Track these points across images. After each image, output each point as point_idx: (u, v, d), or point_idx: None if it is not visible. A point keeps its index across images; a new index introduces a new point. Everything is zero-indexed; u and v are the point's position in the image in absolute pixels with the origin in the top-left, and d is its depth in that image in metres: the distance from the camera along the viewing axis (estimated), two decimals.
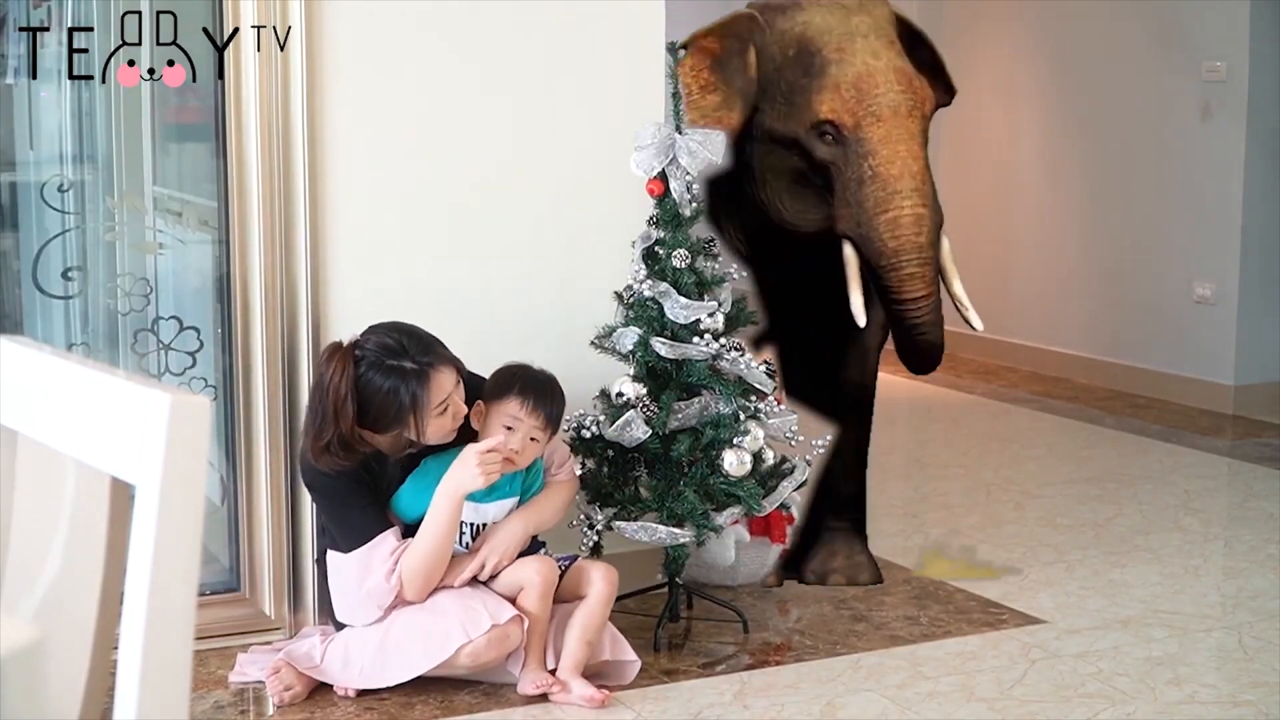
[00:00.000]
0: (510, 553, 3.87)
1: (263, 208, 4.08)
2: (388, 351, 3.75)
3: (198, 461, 1.56)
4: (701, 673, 4.06)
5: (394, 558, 3.78)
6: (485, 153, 4.36)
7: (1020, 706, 3.85)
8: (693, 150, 4.05)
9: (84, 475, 1.69)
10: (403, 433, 3.81)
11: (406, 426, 3.78)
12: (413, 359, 3.76)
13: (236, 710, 3.82)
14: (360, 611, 3.84)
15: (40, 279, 4.29)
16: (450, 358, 3.82)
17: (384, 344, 3.77)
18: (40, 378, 1.76)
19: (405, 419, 3.76)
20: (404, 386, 3.73)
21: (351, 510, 3.82)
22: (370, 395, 3.74)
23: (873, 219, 4.32)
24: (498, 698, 3.84)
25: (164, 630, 1.53)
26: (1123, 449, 6.59)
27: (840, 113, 4.33)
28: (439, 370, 3.77)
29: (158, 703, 1.53)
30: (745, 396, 4.10)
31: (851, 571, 4.75)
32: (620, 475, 4.12)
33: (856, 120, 4.32)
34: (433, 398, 3.75)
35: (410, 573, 3.77)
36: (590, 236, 4.46)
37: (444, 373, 3.78)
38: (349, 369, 3.73)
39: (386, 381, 3.73)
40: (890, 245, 4.32)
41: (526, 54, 4.38)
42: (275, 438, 4.15)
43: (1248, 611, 4.57)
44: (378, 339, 3.79)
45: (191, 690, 1.66)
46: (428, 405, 3.75)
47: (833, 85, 4.35)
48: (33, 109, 4.72)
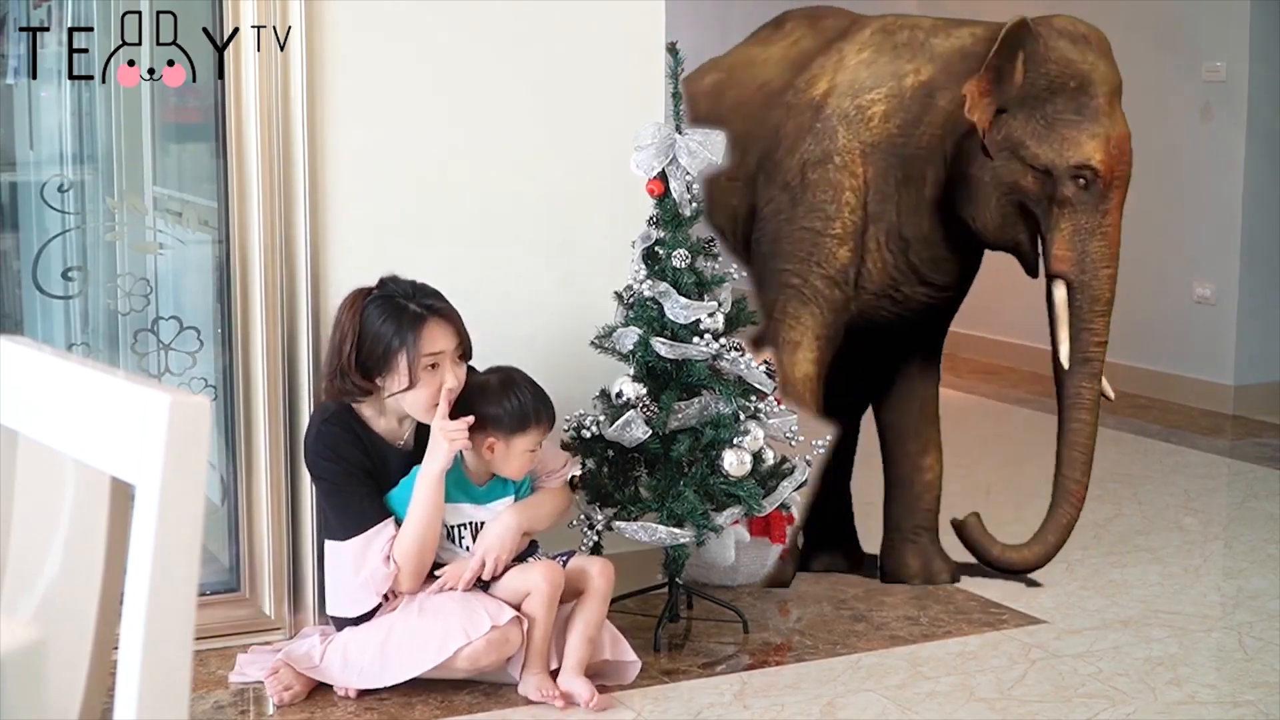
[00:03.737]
0: (508, 547, 3.87)
1: (263, 208, 4.08)
2: (395, 292, 3.83)
3: (198, 462, 1.56)
4: (702, 673, 4.06)
5: (390, 544, 3.80)
6: (486, 153, 4.36)
7: (1020, 706, 3.85)
8: (693, 150, 4.05)
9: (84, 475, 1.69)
10: (390, 380, 3.80)
11: (395, 371, 3.78)
12: (416, 302, 3.81)
13: (236, 710, 3.82)
14: (355, 600, 3.84)
15: (40, 279, 4.29)
16: (454, 317, 3.85)
17: (394, 287, 3.85)
18: (40, 378, 1.76)
19: (393, 361, 3.77)
20: (398, 326, 3.78)
21: (351, 497, 3.83)
22: (367, 331, 3.79)
23: (1098, 270, 4.54)
24: (498, 698, 3.84)
25: (164, 630, 1.53)
26: (1123, 449, 6.59)
27: (1104, 166, 4.45)
28: (437, 320, 3.81)
29: (157, 703, 1.54)
30: (745, 396, 4.10)
31: (931, 573, 4.79)
32: (620, 475, 4.12)
33: (1110, 179, 4.48)
34: (424, 345, 3.77)
35: (403, 556, 3.79)
36: (590, 236, 4.46)
37: (442, 326, 3.82)
38: (358, 306, 3.83)
39: (384, 319, 3.79)
40: (1106, 296, 4.59)
41: (527, 54, 4.38)
42: (275, 438, 4.15)
43: (1248, 612, 4.57)
44: (392, 282, 3.87)
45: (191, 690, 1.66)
46: (418, 352, 3.76)
47: (1104, 137, 4.47)
48: (33, 109, 4.72)
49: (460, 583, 3.82)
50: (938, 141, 4.56)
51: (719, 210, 4.76)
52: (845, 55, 4.70)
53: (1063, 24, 4.55)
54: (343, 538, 3.84)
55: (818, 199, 4.59)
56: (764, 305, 4.66)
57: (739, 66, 4.98)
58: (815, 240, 4.59)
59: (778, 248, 4.65)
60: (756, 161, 4.72)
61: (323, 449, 3.86)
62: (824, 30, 4.89)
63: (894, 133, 4.57)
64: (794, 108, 4.68)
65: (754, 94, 4.81)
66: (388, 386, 3.82)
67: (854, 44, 4.72)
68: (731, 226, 4.79)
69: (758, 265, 4.72)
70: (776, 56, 4.89)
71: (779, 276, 4.63)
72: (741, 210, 4.77)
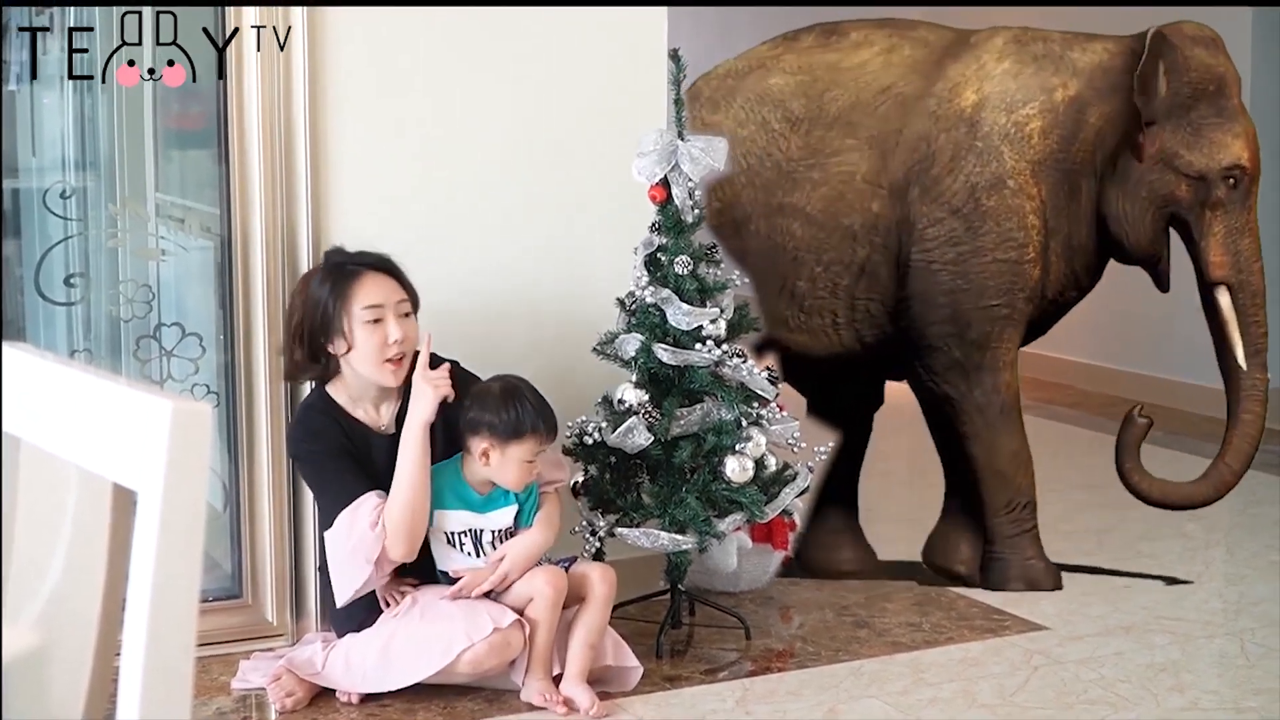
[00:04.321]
0: (531, 566, 3.88)
1: (265, 214, 4.08)
2: (336, 260, 3.85)
3: (199, 468, 1.56)
4: (704, 679, 4.06)
5: (377, 511, 3.74)
6: (488, 159, 4.37)
7: (1022, 713, 3.85)
8: (695, 157, 4.05)
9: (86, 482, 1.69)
10: (333, 344, 3.80)
11: (338, 333, 3.78)
12: (350, 262, 3.82)
13: (239, 717, 3.82)
14: (350, 575, 3.77)
15: (42, 285, 4.29)
16: (396, 272, 3.85)
17: (336, 256, 3.87)
18: (43, 385, 1.76)
19: (333, 325, 3.77)
20: (333, 286, 3.79)
21: (332, 476, 3.82)
22: (308, 302, 3.81)
23: (1252, 265, 4.67)
24: (500, 704, 3.84)
25: (166, 636, 1.54)
26: None
27: (1251, 163, 4.58)
28: (372, 274, 3.81)
29: (160, 709, 1.54)
30: (748, 403, 4.10)
31: (1032, 577, 4.78)
32: (622, 482, 4.12)
33: (1254, 174, 4.60)
34: (359, 298, 3.77)
35: (394, 522, 3.73)
36: (592, 243, 4.46)
37: (378, 278, 3.81)
38: (307, 281, 3.86)
39: (321, 285, 3.81)
40: (1262, 288, 4.72)
41: (530, 61, 4.39)
42: (277, 444, 4.15)
43: (1250, 618, 4.57)
44: (336, 253, 3.89)
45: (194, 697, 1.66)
46: (353, 303, 3.76)
47: (1245, 134, 4.60)
48: (35, 115, 4.72)
49: (475, 592, 3.82)
50: (1089, 157, 4.63)
51: (852, 211, 4.67)
52: (985, 64, 4.68)
53: (1191, 30, 4.63)
54: (330, 516, 3.82)
55: (1004, 228, 4.59)
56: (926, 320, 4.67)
57: (824, 68, 4.83)
58: (1014, 270, 4.62)
59: (971, 281, 4.62)
60: (905, 172, 4.65)
61: (302, 431, 3.88)
62: (923, 40, 4.82)
63: (1054, 149, 4.61)
64: (942, 119, 4.64)
65: (876, 97, 4.72)
66: (335, 351, 3.81)
67: (990, 53, 4.70)
68: (868, 232, 4.69)
69: (920, 281, 4.65)
70: (877, 62, 4.78)
71: (987, 311, 4.62)
72: (888, 218, 4.67)
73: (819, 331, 4.76)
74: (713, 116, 4.80)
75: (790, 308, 4.76)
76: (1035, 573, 4.76)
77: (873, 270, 4.69)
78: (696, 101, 4.80)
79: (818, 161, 4.68)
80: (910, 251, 4.65)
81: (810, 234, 4.68)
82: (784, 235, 4.71)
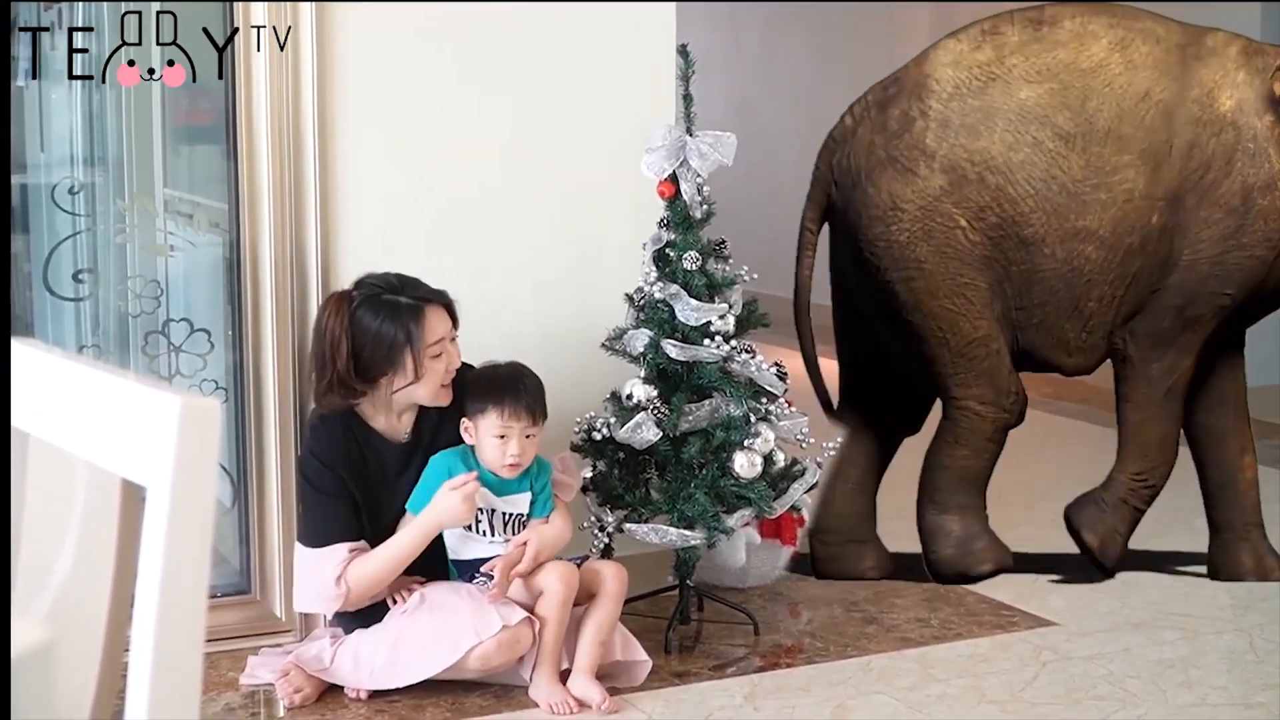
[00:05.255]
0: (555, 553, 3.91)
1: (273, 209, 4.08)
2: (381, 289, 3.83)
3: (208, 464, 1.56)
4: (712, 675, 4.06)
5: (342, 566, 3.78)
6: (496, 155, 4.37)
7: (1031, 709, 3.85)
8: (703, 152, 4.05)
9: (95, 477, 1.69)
10: (396, 377, 3.80)
11: (401, 367, 3.79)
12: (406, 295, 3.82)
13: (247, 713, 3.83)
14: (308, 601, 3.92)
15: (51, 281, 4.29)
16: (444, 299, 3.88)
17: (378, 284, 3.84)
18: (52, 380, 1.76)
19: (399, 358, 3.78)
20: (398, 322, 3.78)
21: (321, 509, 3.84)
22: (364, 334, 3.79)
23: None
24: (509, 700, 3.84)
25: (174, 632, 1.54)
26: None
27: None
28: (434, 308, 3.83)
29: (168, 704, 1.54)
30: (756, 399, 4.09)
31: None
32: (631, 477, 4.12)
33: None
34: (427, 335, 3.79)
35: (358, 582, 3.79)
36: (601, 239, 4.46)
37: (438, 312, 3.84)
38: (345, 310, 3.80)
39: (380, 319, 3.79)
40: None
41: (538, 56, 4.38)
42: (286, 440, 4.15)
43: (1259, 614, 4.57)
44: (373, 280, 3.86)
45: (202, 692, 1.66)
46: (422, 342, 3.78)
47: None
48: (43, 111, 4.73)
49: (513, 572, 3.82)
50: None
51: (1134, 229, 4.64)
52: (1229, 71, 4.69)
53: None
54: (304, 542, 3.87)
55: (1270, 227, 4.65)
56: (1160, 295, 4.70)
57: (1067, 71, 4.72)
58: (1261, 266, 4.68)
59: (1224, 271, 4.66)
60: (1180, 182, 4.65)
61: (316, 449, 3.88)
62: (1151, 34, 4.76)
63: None
64: (1208, 124, 4.65)
65: (1138, 106, 4.67)
66: (394, 383, 3.82)
67: (1230, 60, 4.71)
68: (1144, 244, 4.66)
69: (1179, 274, 4.67)
70: (1117, 62, 4.71)
71: (1216, 298, 4.68)
72: (1164, 228, 4.66)
73: (1093, 350, 4.79)
74: (976, 143, 4.61)
75: (1075, 329, 4.75)
76: (1110, 542, 4.83)
77: (1139, 278, 4.70)
78: (948, 128, 4.65)
79: (1101, 181, 4.63)
80: (1181, 253, 4.68)
81: (1102, 255, 4.65)
82: (1080, 259, 4.65)
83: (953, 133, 4.65)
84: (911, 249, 4.65)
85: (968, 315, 4.68)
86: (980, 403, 4.77)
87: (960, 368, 4.74)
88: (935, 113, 4.67)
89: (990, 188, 4.61)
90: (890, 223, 4.66)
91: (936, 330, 4.70)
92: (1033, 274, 4.67)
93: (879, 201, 4.67)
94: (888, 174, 4.67)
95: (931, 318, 4.70)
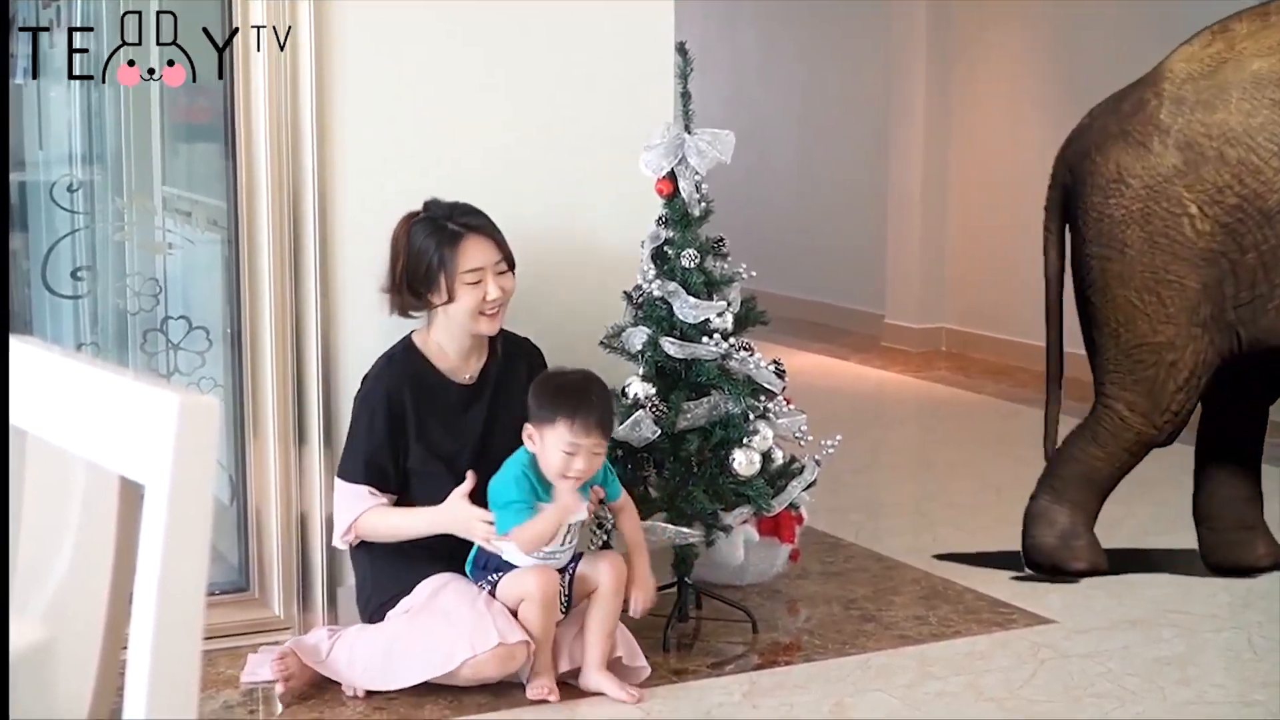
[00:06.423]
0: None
1: (272, 207, 4.08)
2: (437, 214, 3.97)
3: (206, 461, 1.56)
4: (710, 672, 4.06)
5: (354, 515, 3.90)
6: (494, 152, 4.36)
7: (1029, 706, 3.85)
8: (701, 150, 4.05)
9: (93, 475, 1.69)
10: (433, 295, 3.92)
11: (437, 287, 3.90)
12: (454, 221, 3.94)
13: (246, 710, 3.83)
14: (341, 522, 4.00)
15: (49, 279, 4.30)
16: (494, 233, 3.98)
17: (436, 209, 3.99)
18: (50, 378, 1.76)
19: (435, 281, 3.91)
20: (436, 245, 3.91)
21: (363, 445, 3.93)
22: (411, 251, 3.94)
23: None
24: (508, 698, 3.84)
25: (173, 630, 1.54)
26: None
27: None
28: (475, 237, 3.94)
29: (167, 702, 1.54)
30: (755, 396, 4.10)
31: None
32: (629, 475, 4.12)
33: None
34: (462, 262, 3.90)
35: (364, 531, 3.92)
36: (599, 236, 4.46)
37: (480, 242, 3.94)
38: (406, 227, 3.97)
39: (424, 238, 3.93)
40: None
41: (536, 53, 4.38)
42: (284, 437, 4.15)
43: (1257, 611, 4.57)
44: (435, 204, 4.01)
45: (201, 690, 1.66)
46: (456, 269, 3.89)
47: None
48: (42, 109, 4.73)
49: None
50: None
51: None
52: None
53: None
54: (338, 472, 3.99)
55: None
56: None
57: None
58: None
59: None
60: None
61: (377, 388, 3.96)
62: None
63: None
64: None
65: None
66: (435, 301, 3.93)
67: None
68: None
69: None
70: None
71: None
72: None
73: None
74: (1212, 117, 4.48)
75: None
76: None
77: None
78: (1182, 104, 4.53)
79: None
80: None
81: None
82: None
83: (1188, 108, 4.51)
84: (1122, 229, 4.52)
85: (1152, 316, 4.53)
86: (1130, 409, 4.64)
87: (1121, 367, 4.62)
88: (1169, 93, 4.54)
89: (1230, 163, 4.43)
90: (1110, 194, 4.53)
91: (1112, 320, 4.57)
92: (1277, 249, 4.44)
93: (1105, 171, 4.55)
94: (1118, 145, 4.54)
95: (1112, 306, 4.56)
